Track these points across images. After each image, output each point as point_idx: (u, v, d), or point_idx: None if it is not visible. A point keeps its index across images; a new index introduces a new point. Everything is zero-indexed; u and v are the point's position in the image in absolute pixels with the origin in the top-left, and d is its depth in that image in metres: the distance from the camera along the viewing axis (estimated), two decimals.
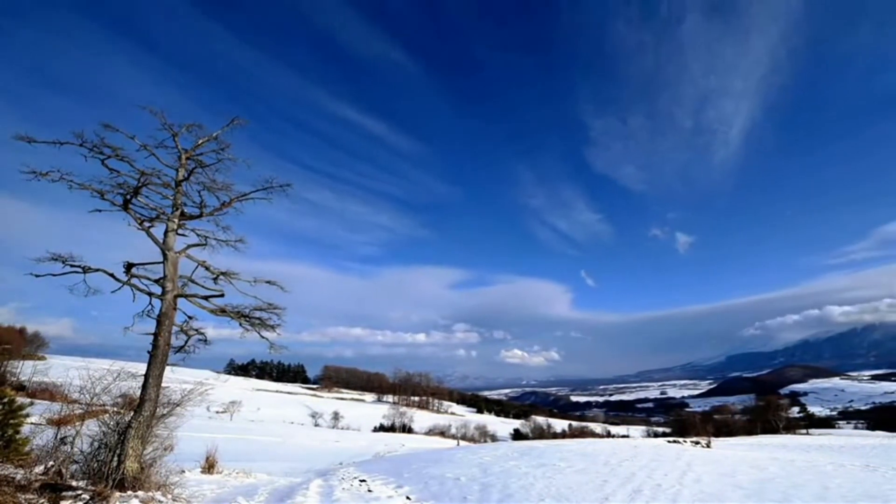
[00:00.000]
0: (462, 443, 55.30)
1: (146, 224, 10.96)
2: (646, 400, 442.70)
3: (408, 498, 10.47)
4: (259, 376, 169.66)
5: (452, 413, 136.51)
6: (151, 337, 10.19)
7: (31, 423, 9.75)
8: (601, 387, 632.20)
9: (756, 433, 60.01)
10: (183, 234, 11.70)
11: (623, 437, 57.16)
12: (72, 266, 9.85)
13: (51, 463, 8.83)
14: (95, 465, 9.04)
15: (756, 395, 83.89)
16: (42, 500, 7.38)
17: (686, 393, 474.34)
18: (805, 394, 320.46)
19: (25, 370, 51.54)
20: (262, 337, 12.08)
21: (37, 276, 9.52)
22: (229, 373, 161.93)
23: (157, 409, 10.07)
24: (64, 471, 8.71)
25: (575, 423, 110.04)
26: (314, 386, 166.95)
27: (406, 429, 78.51)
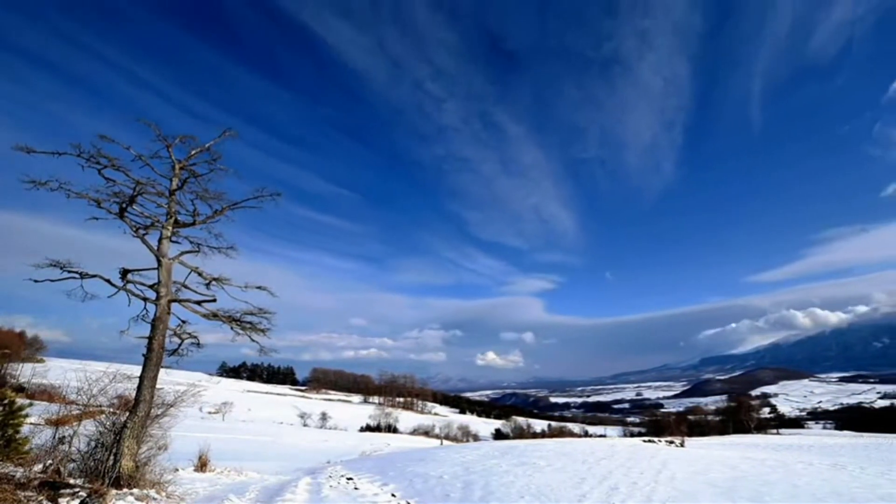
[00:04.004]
0: (445, 442, 55.78)
1: (141, 232, 11.25)
2: (622, 401, 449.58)
3: (393, 495, 10.76)
4: (250, 378, 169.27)
5: (436, 414, 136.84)
6: (146, 340, 10.51)
7: (31, 424, 9.92)
8: (579, 388, 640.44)
9: (728, 433, 62.07)
10: (176, 242, 11.98)
11: (600, 436, 58.39)
12: (70, 272, 10.10)
13: (49, 462, 9.05)
14: (92, 463, 9.34)
15: (728, 396, 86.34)
16: (41, 498, 7.65)
17: (661, 394, 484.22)
18: (775, 395, 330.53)
19: (25, 372, 52.16)
20: (253, 340, 12.44)
21: (36, 281, 9.77)
22: (221, 375, 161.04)
23: (152, 410, 10.40)
24: (62, 469, 8.96)
25: (554, 424, 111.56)
26: (303, 387, 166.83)
27: (391, 429, 78.71)
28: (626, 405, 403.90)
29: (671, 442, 29.13)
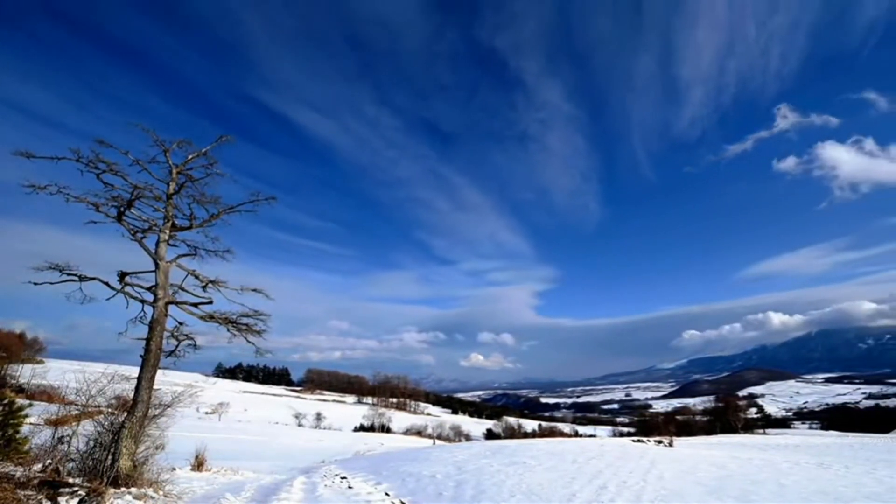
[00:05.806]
0: (438, 442, 56.00)
1: (139, 235, 11.38)
2: (611, 401, 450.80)
3: (386, 494, 10.98)
4: (246, 379, 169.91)
5: (428, 414, 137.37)
6: (144, 342, 10.67)
7: (30, 424, 10.00)
8: (569, 389, 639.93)
9: (716, 433, 62.69)
10: (174, 245, 12.14)
11: (590, 436, 58.97)
12: (69, 274, 10.23)
13: (49, 461, 9.18)
14: (91, 463, 9.47)
15: (716, 397, 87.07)
16: (40, 497, 7.78)
17: (649, 395, 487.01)
18: (762, 395, 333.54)
19: (25, 373, 52.72)
20: (249, 342, 12.59)
21: (35, 283, 9.88)
22: (217, 375, 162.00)
23: (150, 410, 10.53)
24: (61, 468, 9.11)
25: (544, 424, 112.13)
26: (298, 388, 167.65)
27: (385, 429, 78.92)
28: (616, 405, 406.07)
29: (660, 442, 29.47)
